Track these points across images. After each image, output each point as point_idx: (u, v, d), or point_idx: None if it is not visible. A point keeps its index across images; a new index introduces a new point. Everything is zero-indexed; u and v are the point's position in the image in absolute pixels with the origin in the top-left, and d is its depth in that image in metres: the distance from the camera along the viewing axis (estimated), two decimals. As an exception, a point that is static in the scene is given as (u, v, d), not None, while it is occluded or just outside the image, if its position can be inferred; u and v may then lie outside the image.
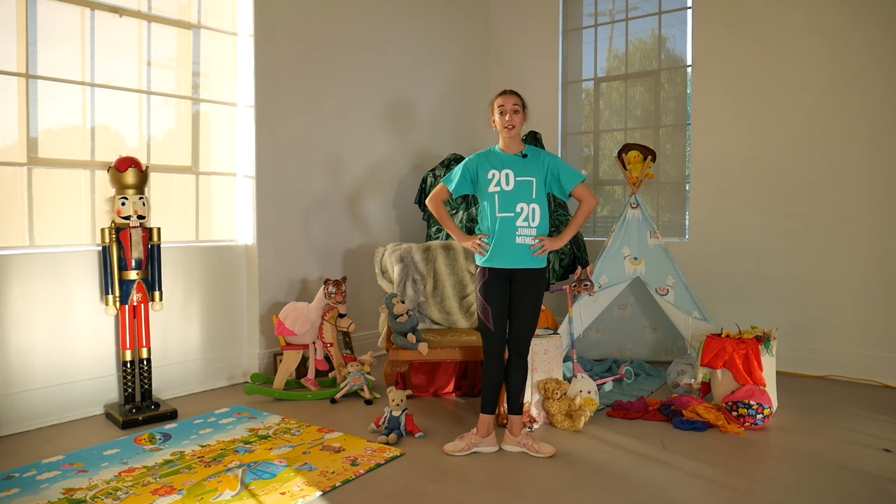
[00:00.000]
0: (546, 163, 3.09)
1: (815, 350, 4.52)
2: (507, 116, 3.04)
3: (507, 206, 3.02)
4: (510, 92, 3.10)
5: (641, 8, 5.48)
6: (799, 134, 4.57)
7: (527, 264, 3.04)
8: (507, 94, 3.09)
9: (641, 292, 4.70)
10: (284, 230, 4.52)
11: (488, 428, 3.11)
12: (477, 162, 3.13)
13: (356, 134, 5.00)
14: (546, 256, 3.11)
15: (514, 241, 3.01)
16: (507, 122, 3.04)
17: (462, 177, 3.14)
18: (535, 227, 3.03)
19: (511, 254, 3.02)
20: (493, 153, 3.14)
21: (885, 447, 3.17)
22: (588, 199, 3.11)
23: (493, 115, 3.10)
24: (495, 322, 3.06)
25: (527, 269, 3.05)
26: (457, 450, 3.06)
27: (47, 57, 3.61)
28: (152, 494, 2.63)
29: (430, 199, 3.23)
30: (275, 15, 4.41)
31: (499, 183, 3.03)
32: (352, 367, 3.95)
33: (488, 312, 3.06)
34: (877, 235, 4.32)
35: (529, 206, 3.02)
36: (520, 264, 3.03)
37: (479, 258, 3.11)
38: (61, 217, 3.69)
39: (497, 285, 3.05)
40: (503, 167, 3.05)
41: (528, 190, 3.03)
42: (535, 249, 3.01)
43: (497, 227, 3.02)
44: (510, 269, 3.04)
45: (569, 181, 3.09)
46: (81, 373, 3.63)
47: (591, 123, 5.79)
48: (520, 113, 3.07)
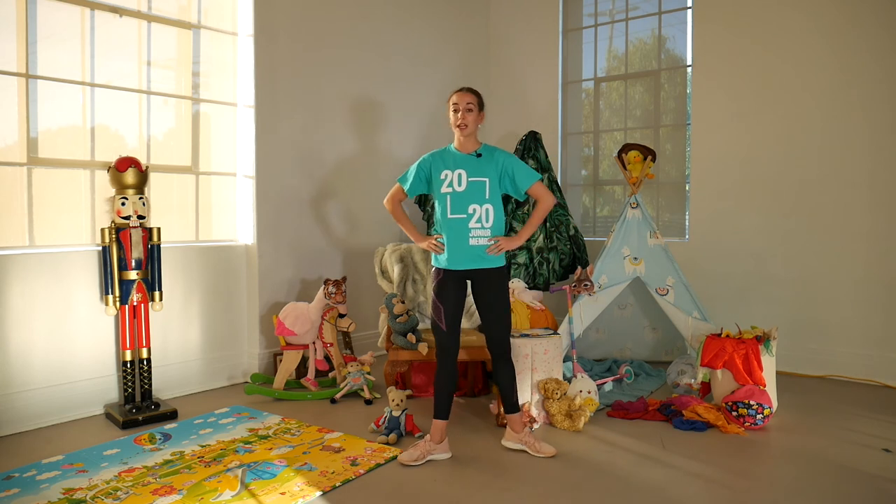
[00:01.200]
0: (500, 162, 3.02)
1: (815, 350, 4.52)
2: (459, 114, 2.98)
3: (459, 208, 2.97)
4: (466, 89, 3.03)
5: (641, 8, 5.48)
6: (799, 134, 4.57)
7: (483, 265, 2.99)
8: (462, 91, 3.03)
9: (641, 292, 4.70)
10: (284, 230, 4.52)
11: (441, 434, 3.03)
12: (430, 161, 3.07)
13: (356, 134, 5.00)
14: (504, 255, 3.06)
15: (467, 243, 2.96)
16: (460, 119, 2.97)
17: (416, 176, 3.08)
18: (488, 227, 2.98)
19: (465, 256, 2.97)
20: (448, 152, 3.08)
21: (885, 447, 3.17)
22: (545, 198, 3.06)
23: (448, 112, 3.03)
24: (447, 321, 3.01)
25: (484, 270, 3.00)
26: (412, 459, 2.94)
27: (47, 57, 3.61)
28: (152, 494, 2.63)
29: (387, 199, 3.19)
30: (275, 15, 4.41)
31: (451, 183, 2.98)
32: (352, 367, 3.95)
33: (440, 312, 3.01)
34: (877, 235, 4.32)
35: (482, 207, 2.97)
36: (475, 265, 2.99)
37: (435, 259, 3.07)
38: (61, 217, 3.69)
39: (451, 286, 3.01)
40: (456, 167, 3.00)
41: (481, 191, 2.97)
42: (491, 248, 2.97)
43: (449, 228, 2.98)
44: (466, 271, 3.00)
45: (523, 180, 3.03)
46: (81, 373, 3.63)
47: (591, 123, 5.79)
48: (473, 111, 2.99)
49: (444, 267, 3.02)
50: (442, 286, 3.02)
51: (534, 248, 4.77)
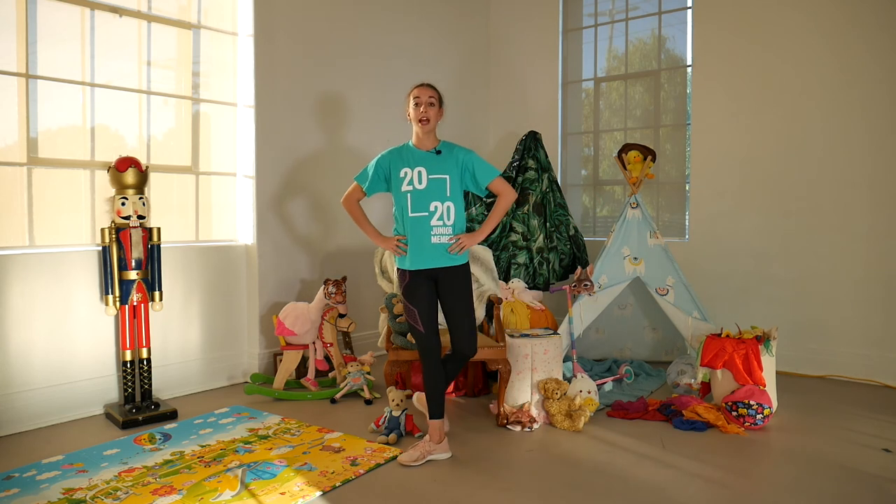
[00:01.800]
0: (460, 159, 3.00)
1: (814, 350, 4.52)
2: (421, 108, 2.94)
3: (420, 206, 2.94)
4: (427, 84, 3.01)
5: (641, 8, 5.48)
6: (799, 134, 4.57)
7: (446, 263, 2.97)
8: (423, 85, 3.00)
9: (641, 292, 4.70)
10: (284, 230, 4.52)
11: (440, 434, 3.02)
12: (389, 159, 3.03)
13: (356, 134, 5.00)
14: (466, 252, 3.04)
15: (429, 242, 2.94)
16: (422, 113, 2.94)
17: (375, 174, 3.04)
18: (450, 225, 2.96)
19: (429, 254, 2.95)
20: (406, 149, 3.04)
21: (885, 447, 3.17)
22: (506, 193, 3.04)
23: (408, 108, 3.00)
24: (424, 322, 2.98)
25: (448, 268, 2.98)
26: (411, 460, 2.93)
27: (47, 57, 3.61)
28: (152, 494, 2.63)
29: (345, 198, 3.13)
30: (275, 15, 4.41)
31: (411, 181, 2.95)
32: (352, 367, 3.95)
33: (415, 314, 2.98)
34: (877, 235, 4.32)
35: (444, 204, 2.94)
36: (439, 263, 2.96)
37: (398, 260, 3.04)
38: (61, 217, 3.69)
39: (420, 286, 2.99)
40: (416, 164, 2.97)
41: (441, 188, 2.95)
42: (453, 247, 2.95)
43: (411, 227, 2.95)
44: (431, 270, 2.98)
45: (484, 176, 3.01)
46: (81, 373, 3.63)
47: (591, 123, 5.79)
48: (435, 106, 2.98)
49: (408, 268, 2.99)
50: (411, 288, 3.00)
51: (534, 248, 4.77)
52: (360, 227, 3.14)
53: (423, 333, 2.99)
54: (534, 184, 4.84)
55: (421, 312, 2.97)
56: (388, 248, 3.04)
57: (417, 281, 2.98)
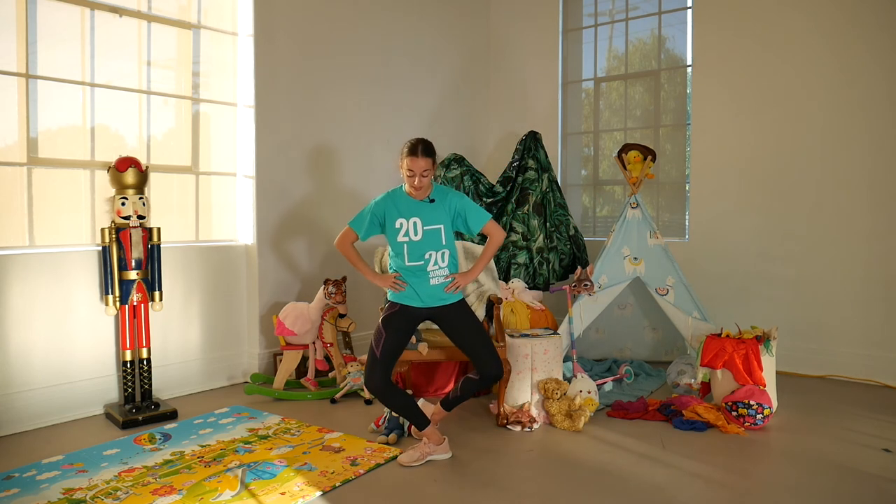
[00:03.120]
0: (453, 206, 3.06)
1: (815, 350, 4.52)
2: (415, 180, 2.95)
3: (416, 256, 3.02)
4: (422, 153, 2.93)
5: (641, 8, 5.48)
6: (799, 134, 4.57)
7: (444, 301, 3.06)
8: (416, 156, 2.92)
9: (641, 292, 4.70)
10: (284, 230, 4.52)
11: (437, 436, 3.05)
12: (384, 207, 3.07)
13: (356, 134, 5.00)
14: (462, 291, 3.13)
15: (428, 285, 3.03)
16: (416, 185, 2.96)
17: (370, 222, 3.09)
18: (445, 266, 3.05)
19: (427, 294, 3.03)
20: (400, 197, 3.07)
21: (885, 447, 3.17)
22: (496, 234, 3.14)
23: (401, 167, 2.99)
24: (384, 350, 2.97)
25: (446, 307, 3.07)
26: (411, 460, 2.94)
27: (47, 57, 3.61)
28: (152, 494, 2.63)
29: (338, 241, 3.18)
30: (275, 15, 4.41)
31: (407, 233, 3.01)
32: (352, 367, 3.95)
33: (381, 339, 2.98)
34: (877, 236, 4.32)
35: (439, 251, 3.03)
36: (438, 302, 3.05)
37: (393, 295, 3.10)
38: (61, 217, 3.69)
39: (404, 321, 3.04)
40: (411, 215, 3.02)
41: (437, 238, 3.03)
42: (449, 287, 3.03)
43: (409, 275, 3.04)
44: (428, 309, 3.05)
45: (476, 223, 3.08)
46: (81, 373, 3.63)
47: (591, 123, 5.79)
48: (428, 175, 2.97)
49: (404, 303, 3.06)
50: (394, 317, 3.04)
51: (534, 248, 4.76)
52: (356, 269, 3.21)
53: (378, 360, 2.97)
54: (534, 184, 4.84)
55: (387, 342, 2.99)
56: (385, 286, 3.11)
57: (404, 315, 3.05)
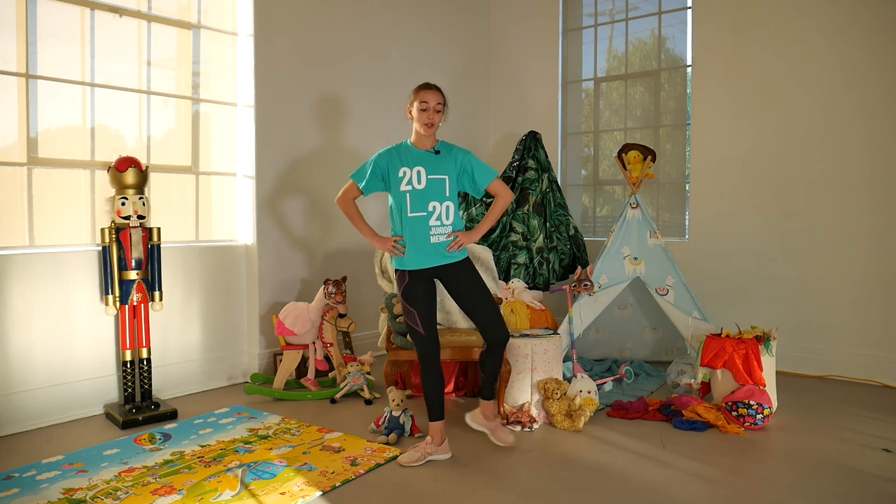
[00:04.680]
0: (459, 160, 2.99)
1: (815, 350, 4.52)
2: (428, 114, 2.91)
3: (419, 206, 2.91)
4: (435, 88, 2.95)
5: (641, 8, 5.48)
6: (799, 134, 4.57)
7: (447, 260, 2.95)
8: (432, 89, 2.93)
9: (641, 292, 4.70)
10: (284, 230, 4.52)
11: (441, 435, 3.01)
12: (387, 158, 2.98)
13: (356, 134, 5.00)
14: (465, 249, 3.01)
15: (428, 241, 2.91)
16: (428, 118, 2.90)
17: (372, 174, 2.98)
18: (448, 224, 2.94)
19: (428, 254, 2.92)
20: (405, 148, 2.99)
21: (885, 447, 3.17)
22: (503, 194, 3.03)
23: (411, 108, 2.96)
24: (424, 325, 2.93)
25: (450, 265, 2.96)
26: (412, 460, 2.93)
27: (47, 57, 3.61)
28: (152, 494, 2.63)
29: (340, 197, 3.06)
30: (275, 15, 4.41)
31: (410, 181, 2.91)
32: (352, 367, 3.95)
33: (415, 316, 2.93)
34: (877, 235, 4.32)
35: (442, 204, 2.92)
36: (439, 262, 2.94)
37: (396, 261, 3.00)
38: (61, 217, 3.69)
39: (419, 287, 2.95)
40: (415, 164, 2.93)
41: (440, 188, 2.93)
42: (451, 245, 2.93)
43: (409, 227, 2.92)
44: (432, 269, 2.95)
45: (483, 178, 3.00)
46: (81, 373, 3.63)
47: (591, 123, 5.79)
48: (441, 112, 2.95)
49: (407, 269, 2.96)
50: (410, 289, 2.95)
51: (534, 248, 4.76)
52: (355, 227, 3.10)
53: (423, 335, 2.96)
54: (534, 184, 4.84)
55: (420, 314, 2.94)
56: (384, 248, 3.00)
57: (417, 282, 2.95)
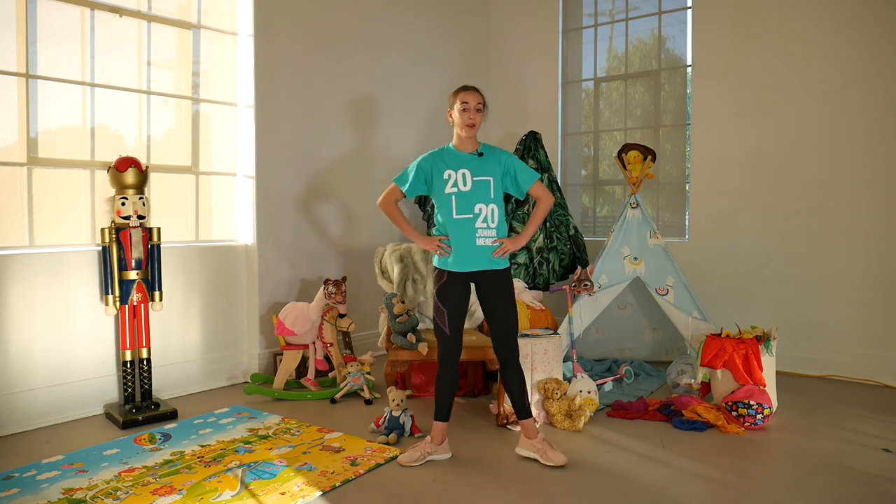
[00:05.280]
0: (503, 161, 2.99)
1: (815, 350, 4.52)
2: (470, 113, 2.92)
3: (465, 208, 2.91)
4: (474, 88, 2.97)
5: (641, 8, 5.48)
6: (799, 134, 4.57)
7: (489, 266, 2.95)
8: (471, 90, 2.96)
9: (641, 292, 4.70)
10: (284, 230, 4.52)
11: (442, 435, 3.02)
12: (431, 162, 3.00)
13: (356, 134, 5.00)
14: (508, 256, 3.02)
15: (474, 244, 2.91)
16: (470, 119, 2.92)
17: (416, 177, 3.01)
18: (494, 227, 2.94)
19: (472, 257, 2.92)
20: (448, 152, 3.01)
21: (885, 447, 3.17)
22: (545, 197, 3.04)
23: (452, 111, 2.97)
24: (451, 326, 2.95)
25: (491, 272, 2.96)
26: (412, 460, 2.93)
27: (47, 57, 3.61)
28: (152, 494, 2.63)
29: (382, 200, 3.10)
30: (275, 15, 4.41)
31: (455, 183, 2.92)
32: (352, 367, 3.95)
33: (444, 316, 2.95)
34: (876, 235, 4.32)
35: (488, 206, 2.93)
36: (482, 266, 2.94)
37: (438, 260, 3.01)
38: (61, 217, 3.69)
39: (456, 289, 2.96)
40: (459, 167, 2.95)
41: (485, 190, 2.93)
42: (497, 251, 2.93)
43: (455, 230, 2.93)
44: (472, 273, 2.96)
45: (525, 180, 3.01)
46: (81, 373, 3.63)
47: (591, 123, 5.79)
48: (482, 112, 2.96)
49: (449, 269, 2.97)
50: (445, 289, 2.97)
51: (534, 248, 4.77)
52: (399, 228, 3.13)
53: (448, 336, 2.97)
54: (534, 184, 4.83)
55: (450, 315, 2.96)
56: (429, 248, 3.00)
57: (454, 283, 2.96)
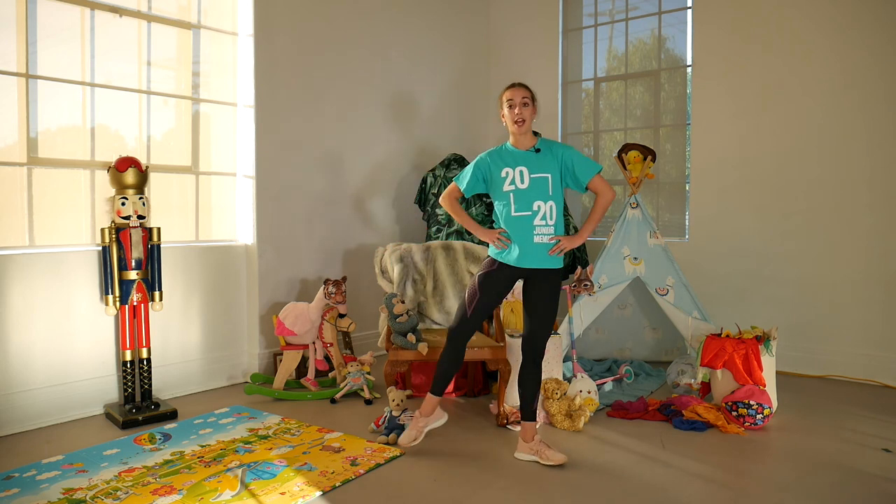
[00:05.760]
0: (560, 156, 2.98)
1: (815, 350, 4.52)
2: (516, 109, 2.93)
3: (524, 205, 2.92)
4: (519, 84, 2.99)
5: (641, 8, 5.48)
6: (798, 134, 4.57)
7: (544, 264, 2.94)
8: (515, 86, 2.98)
9: (641, 292, 4.70)
10: (284, 230, 4.52)
11: (432, 406, 3.06)
12: (489, 160, 3.03)
13: (356, 134, 5.00)
14: (563, 257, 3.02)
15: (531, 241, 2.92)
16: (517, 115, 2.93)
17: (473, 175, 3.05)
18: (552, 224, 2.93)
19: (529, 254, 2.92)
20: (506, 150, 3.03)
21: (885, 447, 3.17)
22: (605, 192, 2.99)
23: (502, 110, 3.00)
24: (475, 309, 2.96)
25: (544, 270, 2.95)
26: (411, 439, 3.01)
27: (47, 57, 3.61)
28: (152, 494, 2.63)
29: (444, 197, 3.15)
30: (275, 15, 4.41)
31: (513, 181, 2.93)
32: (352, 367, 3.95)
33: (475, 299, 2.97)
34: (877, 235, 4.32)
35: (546, 203, 2.92)
36: (537, 264, 2.94)
37: (494, 252, 3.01)
38: (61, 217, 3.68)
39: (500, 280, 2.97)
40: (517, 164, 2.96)
41: (544, 187, 2.93)
42: (553, 249, 2.92)
43: (513, 227, 2.94)
44: (525, 270, 2.95)
45: (584, 173, 2.97)
46: (81, 373, 3.63)
47: (591, 123, 5.79)
48: (529, 106, 2.96)
49: (501, 259, 2.97)
50: (490, 275, 2.98)
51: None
52: (459, 221, 3.17)
53: (468, 317, 2.99)
54: (534, 184, 4.83)
55: (481, 300, 2.97)
56: (489, 240, 3.00)
57: (501, 274, 2.97)
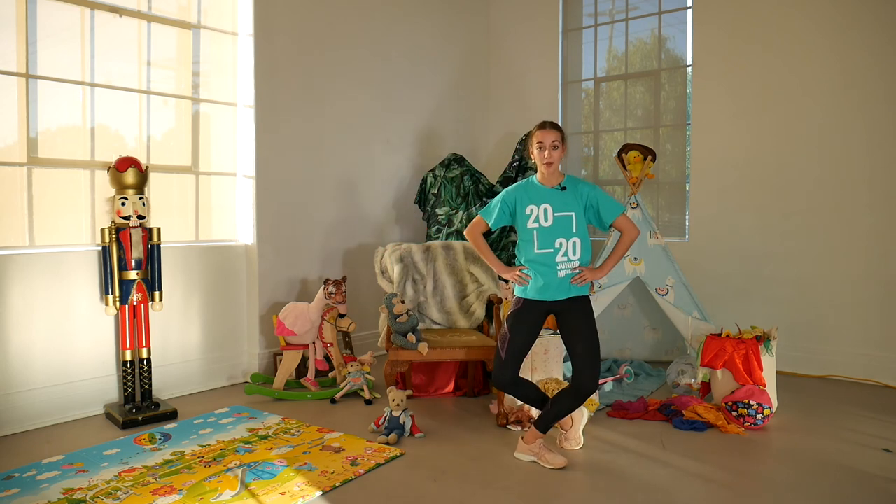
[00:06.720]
0: (585, 195, 2.99)
1: (815, 350, 4.52)
2: (546, 152, 2.95)
3: (546, 243, 2.94)
4: (550, 126, 2.98)
5: (641, 8, 5.48)
6: (798, 134, 4.57)
7: (569, 294, 2.95)
8: (546, 128, 2.98)
9: (641, 292, 4.70)
10: (284, 230, 4.52)
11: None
12: (515, 195, 3.03)
13: (356, 134, 5.00)
14: (588, 284, 3.00)
15: (555, 276, 2.93)
16: (547, 157, 2.95)
17: (501, 210, 3.05)
18: (575, 259, 2.95)
19: (552, 287, 2.93)
20: (532, 185, 3.04)
21: (885, 447, 3.17)
22: (629, 230, 3.02)
23: (532, 148, 3.01)
24: (509, 352, 2.95)
25: (569, 300, 2.96)
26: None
27: (47, 57, 3.61)
28: (152, 494, 2.63)
29: (469, 230, 3.16)
30: (275, 15, 4.41)
31: (537, 219, 2.96)
32: (352, 367, 3.95)
33: (506, 341, 2.96)
34: (876, 235, 4.32)
35: (569, 240, 2.94)
36: (563, 295, 2.94)
37: (518, 288, 3.03)
38: (61, 217, 3.69)
39: (530, 317, 2.97)
40: (541, 201, 2.97)
41: (567, 225, 2.95)
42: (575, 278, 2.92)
43: (537, 263, 2.95)
44: (552, 303, 2.96)
45: (608, 214, 3.00)
46: (81, 373, 3.63)
47: (591, 123, 5.79)
48: (559, 148, 2.97)
49: (527, 297, 2.98)
50: (518, 315, 2.98)
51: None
52: (482, 257, 3.22)
53: (503, 362, 2.97)
54: (534, 184, 4.84)
55: (513, 342, 2.95)
56: (511, 277, 3.02)
57: (529, 311, 2.97)
